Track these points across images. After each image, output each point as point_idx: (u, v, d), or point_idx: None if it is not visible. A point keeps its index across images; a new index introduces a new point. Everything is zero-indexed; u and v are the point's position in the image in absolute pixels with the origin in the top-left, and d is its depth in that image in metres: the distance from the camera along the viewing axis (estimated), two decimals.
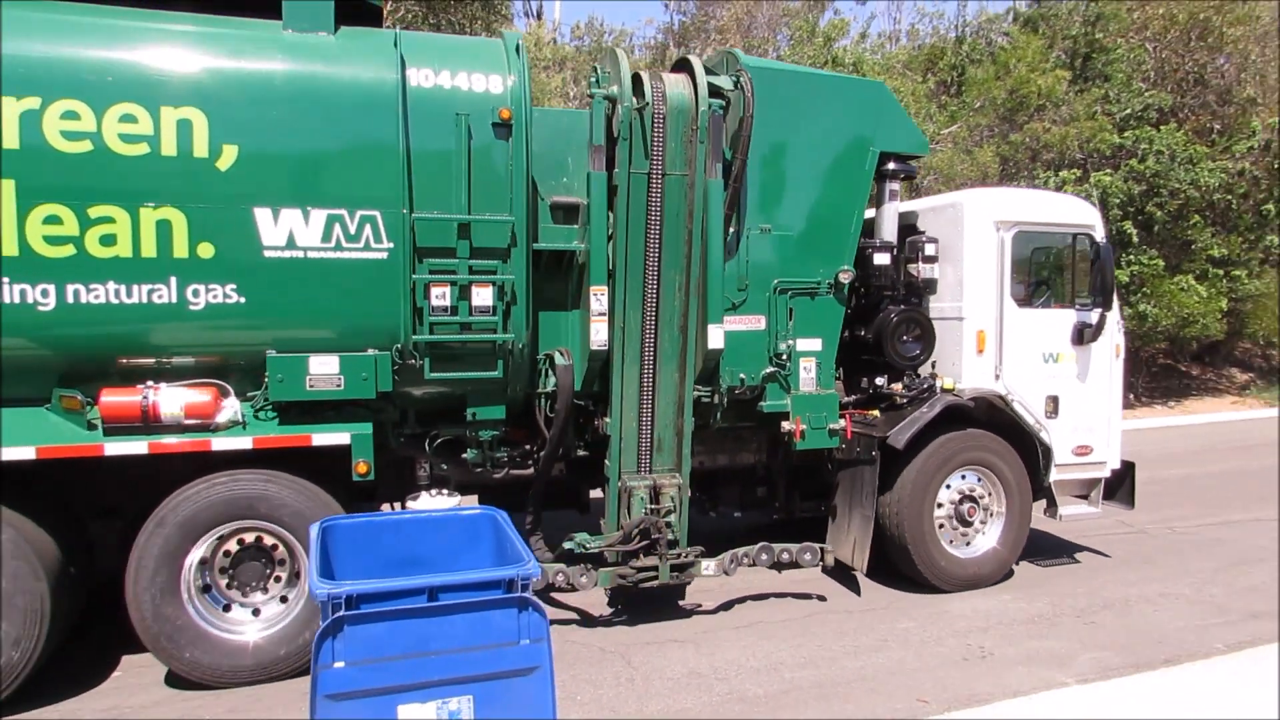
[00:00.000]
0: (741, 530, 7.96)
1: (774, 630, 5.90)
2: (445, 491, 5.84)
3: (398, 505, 6.04)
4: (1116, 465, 7.38)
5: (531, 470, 6.12)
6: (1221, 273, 20.01)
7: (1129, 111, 19.19)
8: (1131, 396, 21.76)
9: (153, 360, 5.12)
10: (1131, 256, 18.97)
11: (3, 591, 4.60)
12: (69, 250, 4.80)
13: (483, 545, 4.17)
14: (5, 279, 4.72)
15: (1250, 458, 13.78)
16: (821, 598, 6.56)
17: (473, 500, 6.17)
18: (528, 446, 6.09)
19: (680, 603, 6.44)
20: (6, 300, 4.73)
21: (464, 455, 5.90)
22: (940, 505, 6.70)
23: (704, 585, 6.53)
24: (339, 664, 3.13)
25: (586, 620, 6.08)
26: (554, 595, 6.26)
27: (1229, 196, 19.97)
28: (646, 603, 6.31)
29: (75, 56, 4.82)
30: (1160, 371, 24.14)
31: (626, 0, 39.77)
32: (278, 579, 5.27)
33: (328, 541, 3.90)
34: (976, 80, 17.01)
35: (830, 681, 5.09)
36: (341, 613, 3.14)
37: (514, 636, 3.39)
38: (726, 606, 6.41)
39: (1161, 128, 18.87)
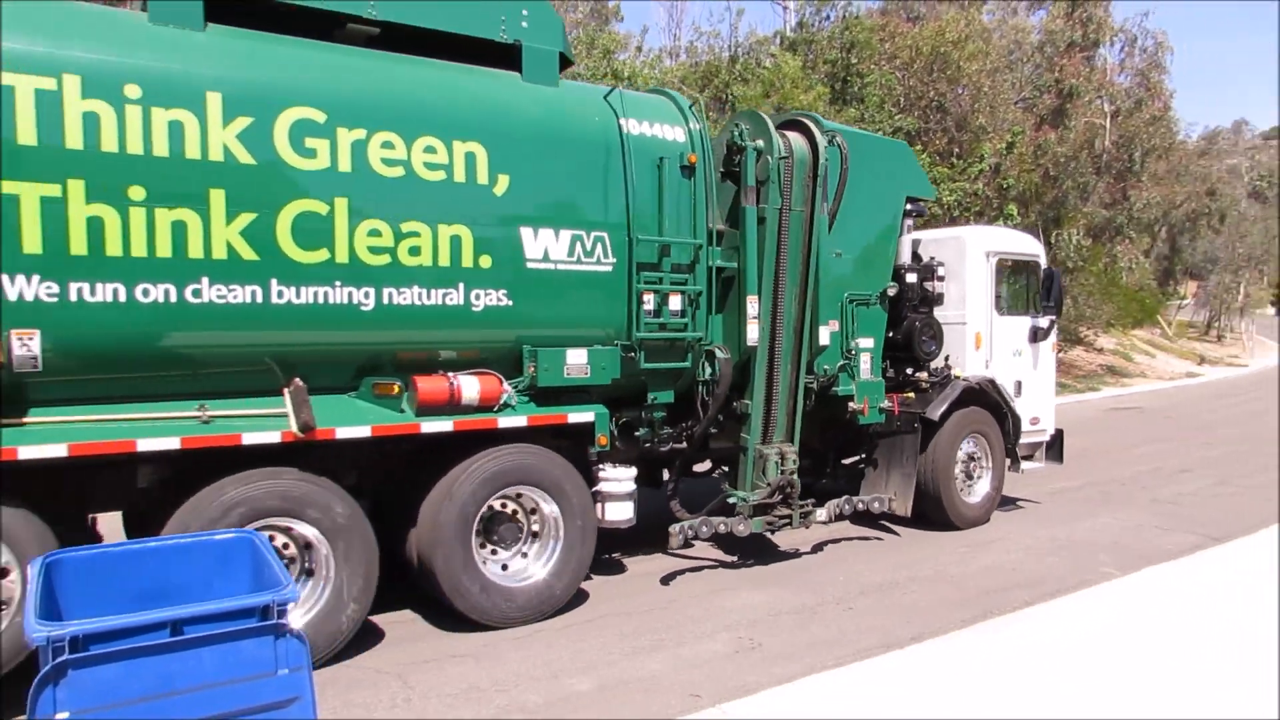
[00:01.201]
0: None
1: (554, 638, 5.92)
2: (619, 464, 6.79)
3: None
4: (1052, 431, 9.90)
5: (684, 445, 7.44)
6: None
7: (881, 132, 20.80)
8: None
9: (431, 354, 6.09)
10: None
11: (359, 554, 5.53)
12: (386, 259, 5.69)
13: (238, 571, 3.92)
14: (337, 283, 5.54)
15: None
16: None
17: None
18: (683, 424, 7.32)
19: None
20: (335, 301, 5.54)
21: (636, 433, 7.07)
22: (957, 463, 8.75)
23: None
24: (61, 716, 2.83)
25: (366, 645, 5.84)
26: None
27: (967, 214, 22.09)
28: (437, 618, 6.16)
29: (392, 95, 5.82)
30: None
31: None
32: (534, 535, 6.44)
33: (53, 578, 3.52)
34: (746, 97, 17.87)
35: (609, 685, 5.16)
36: (65, 656, 2.84)
37: (271, 667, 3.20)
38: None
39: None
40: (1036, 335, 9.62)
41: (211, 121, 5.17)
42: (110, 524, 5.98)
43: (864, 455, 8.84)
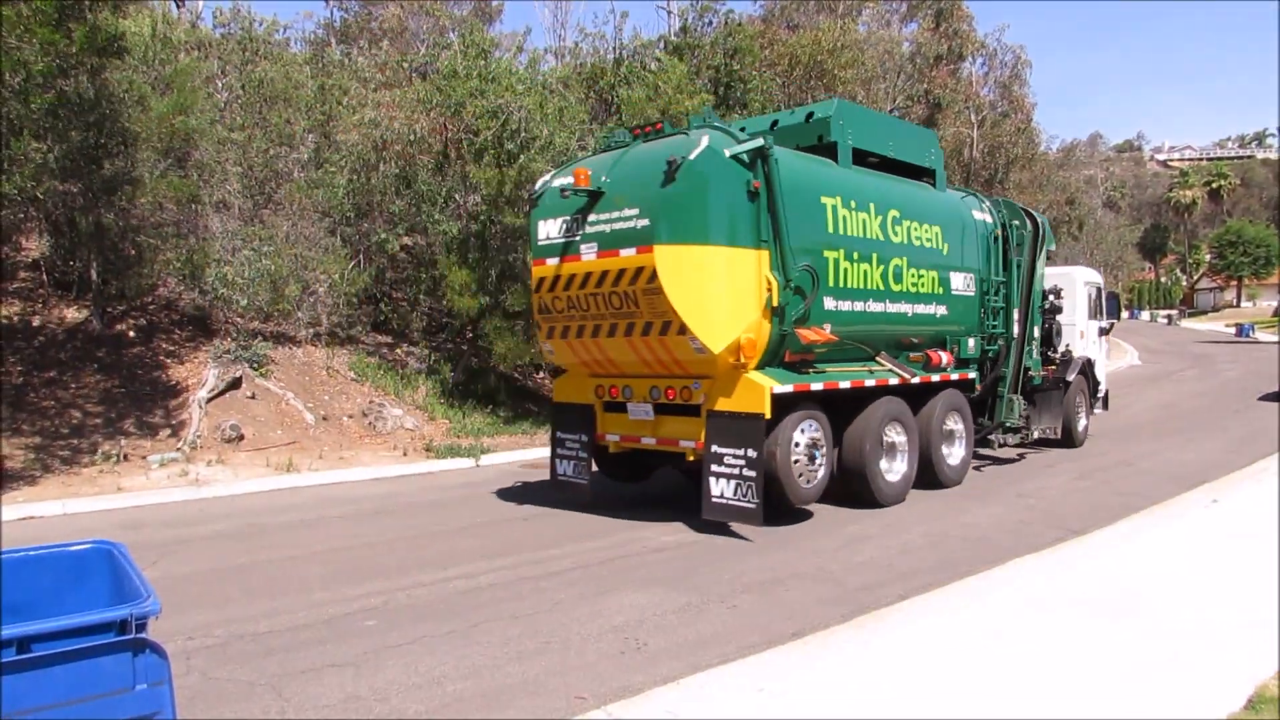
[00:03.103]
0: None
1: (437, 644, 5.81)
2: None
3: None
4: (1104, 391, 16.46)
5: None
6: None
7: None
8: None
9: (919, 339, 11.11)
10: None
11: (915, 444, 10.66)
12: (915, 289, 10.88)
13: (95, 584, 3.69)
14: (903, 302, 10.70)
15: None
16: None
17: None
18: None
19: (342, 625, 6.15)
20: (900, 311, 10.75)
21: None
22: (1080, 408, 14.88)
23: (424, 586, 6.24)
24: None
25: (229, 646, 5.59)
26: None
27: None
28: (305, 628, 5.95)
29: (914, 199, 11.13)
30: None
31: None
32: (951, 435, 11.60)
33: None
34: (631, 100, 17.96)
35: (493, 690, 5.08)
36: None
37: (129, 683, 3.02)
38: (393, 624, 6.22)
39: None
40: (1102, 332, 16.38)
41: (890, 218, 10.41)
42: None
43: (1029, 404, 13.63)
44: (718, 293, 8.53)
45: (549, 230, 9.58)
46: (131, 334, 15.69)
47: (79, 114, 13.18)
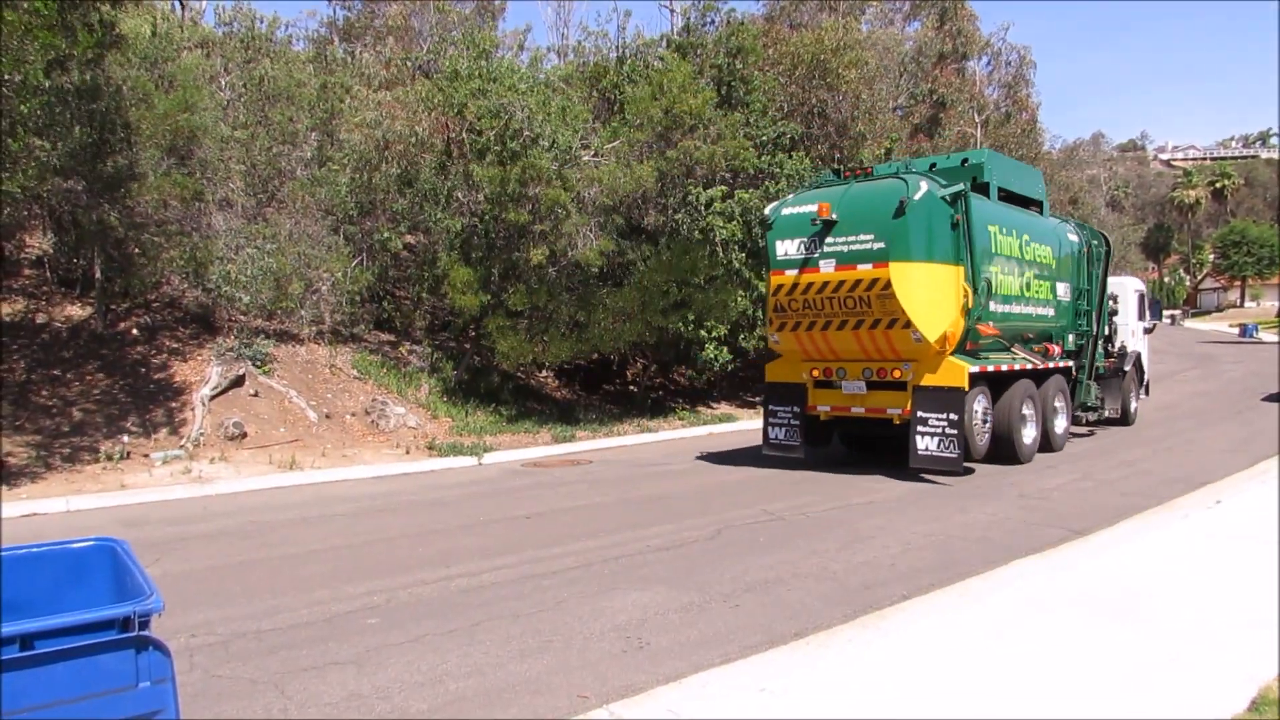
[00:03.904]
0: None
1: (439, 642, 5.80)
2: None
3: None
4: (1147, 379, 19.49)
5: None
6: None
7: (766, 137, 21.19)
8: None
9: (1037, 335, 14.41)
10: None
11: (1036, 413, 13.63)
12: (1041, 295, 14.33)
13: (96, 582, 3.68)
14: (1034, 305, 14.21)
15: None
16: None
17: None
18: None
19: (344, 622, 6.15)
20: (1033, 313, 14.24)
21: None
22: (1132, 391, 17.81)
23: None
24: None
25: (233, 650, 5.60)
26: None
27: None
28: (307, 626, 5.95)
29: (1037, 227, 14.46)
30: None
31: None
32: (1058, 410, 14.68)
33: None
34: (635, 99, 17.93)
35: (495, 688, 5.08)
36: None
37: (132, 680, 3.02)
38: (395, 623, 6.22)
39: (793, 154, 21.03)
40: (1146, 331, 19.60)
41: (1024, 241, 13.57)
42: None
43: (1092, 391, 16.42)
44: (932, 297, 11.60)
45: (787, 249, 12.49)
46: (135, 331, 15.70)
47: (79, 107, 13.18)
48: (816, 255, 12.10)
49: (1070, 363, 15.09)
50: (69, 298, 15.89)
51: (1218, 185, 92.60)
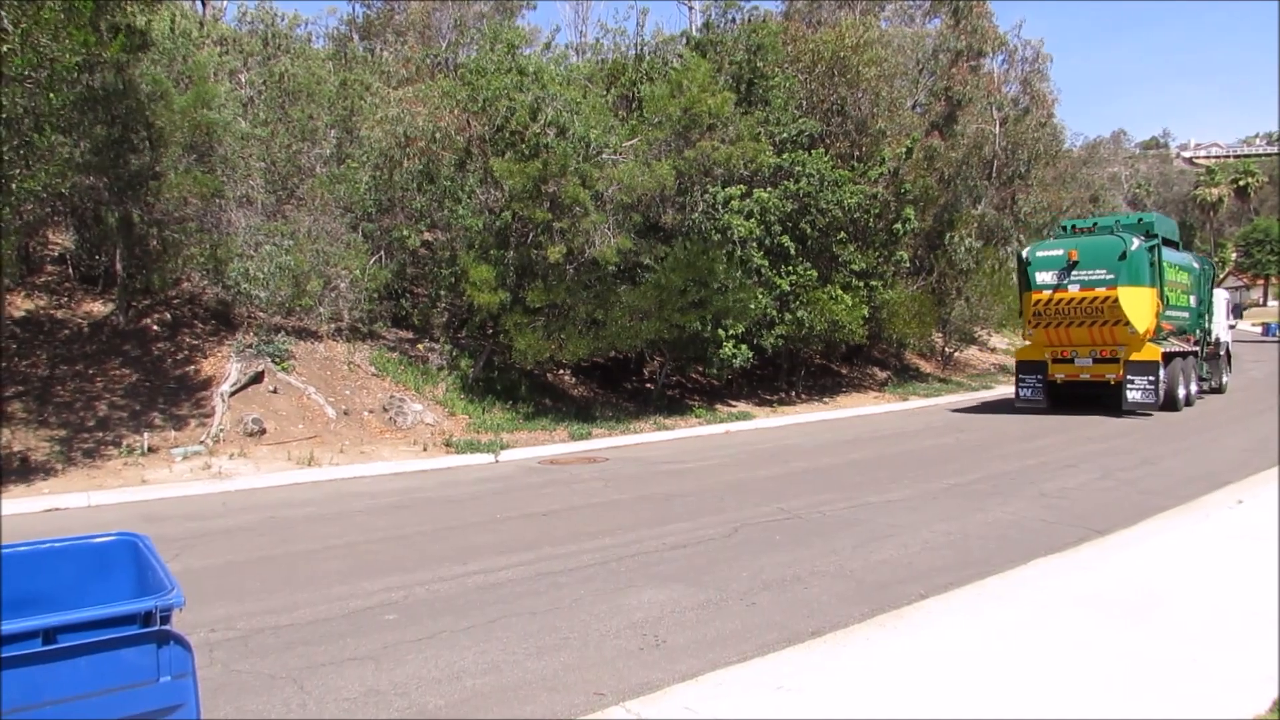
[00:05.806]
0: None
1: (457, 639, 5.83)
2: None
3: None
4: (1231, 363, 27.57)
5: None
6: (862, 284, 22.60)
7: (785, 135, 21.11)
8: (793, 394, 23.94)
9: (1171, 330, 21.71)
10: (790, 267, 20.87)
11: (1166, 381, 19.88)
12: (1187, 303, 22.48)
13: (119, 576, 3.72)
14: (1181, 312, 22.50)
15: (885, 446, 15.64)
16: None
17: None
18: None
19: (362, 618, 6.18)
20: (1181, 317, 22.61)
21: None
22: (1227, 370, 25.99)
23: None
24: None
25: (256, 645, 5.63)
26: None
27: (867, 216, 22.58)
28: (325, 621, 5.98)
29: (1177, 260, 21.98)
30: (816, 371, 26.76)
31: None
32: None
33: None
34: (653, 97, 17.90)
35: (512, 685, 5.09)
36: None
37: (153, 675, 3.04)
38: (413, 619, 6.24)
39: (812, 152, 20.96)
40: (1230, 328, 27.07)
41: (1177, 269, 21.56)
42: None
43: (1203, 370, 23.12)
44: (1141, 308, 18.74)
45: (1044, 277, 19.58)
46: (156, 328, 15.83)
47: (105, 108, 13.29)
48: (1065, 282, 19.27)
49: (1196, 349, 22.21)
50: (91, 294, 16.03)
51: (1241, 183, 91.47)
